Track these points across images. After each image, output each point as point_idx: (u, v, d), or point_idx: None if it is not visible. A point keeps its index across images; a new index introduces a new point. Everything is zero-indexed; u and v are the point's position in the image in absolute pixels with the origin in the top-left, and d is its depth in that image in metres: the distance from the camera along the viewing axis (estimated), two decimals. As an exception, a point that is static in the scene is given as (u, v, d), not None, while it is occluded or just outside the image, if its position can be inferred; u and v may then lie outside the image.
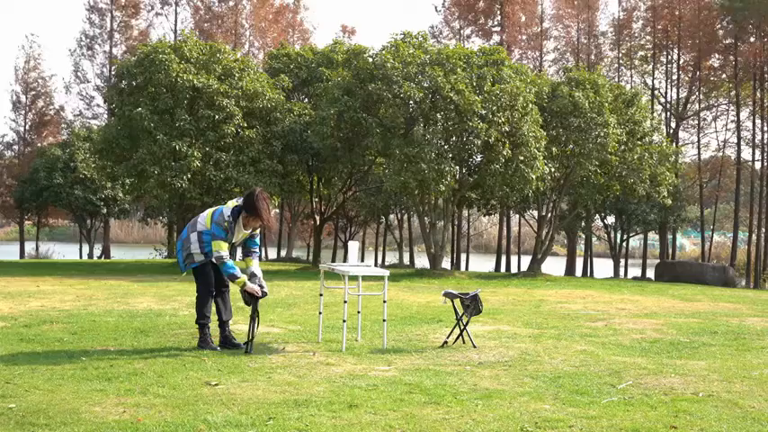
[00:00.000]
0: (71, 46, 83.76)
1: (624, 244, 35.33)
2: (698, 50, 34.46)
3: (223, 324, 7.37)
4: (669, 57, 36.79)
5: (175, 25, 39.51)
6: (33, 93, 40.71)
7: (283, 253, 38.18)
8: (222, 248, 7.07)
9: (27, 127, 40.66)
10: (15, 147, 41.07)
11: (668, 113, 35.92)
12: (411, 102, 20.52)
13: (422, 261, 33.45)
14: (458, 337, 7.80)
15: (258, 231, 7.50)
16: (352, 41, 31.95)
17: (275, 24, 41.67)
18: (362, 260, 8.47)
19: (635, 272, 36.04)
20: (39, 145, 39.96)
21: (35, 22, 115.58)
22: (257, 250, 7.51)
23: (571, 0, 37.38)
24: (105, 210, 36.32)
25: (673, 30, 35.57)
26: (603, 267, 37.93)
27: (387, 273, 7.54)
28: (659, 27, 36.16)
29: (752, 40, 33.62)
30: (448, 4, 39.18)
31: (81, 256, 37.10)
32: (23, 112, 40.44)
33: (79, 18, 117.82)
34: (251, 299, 7.23)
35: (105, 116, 38.39)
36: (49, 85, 41.30)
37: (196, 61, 23.12)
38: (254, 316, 7.19)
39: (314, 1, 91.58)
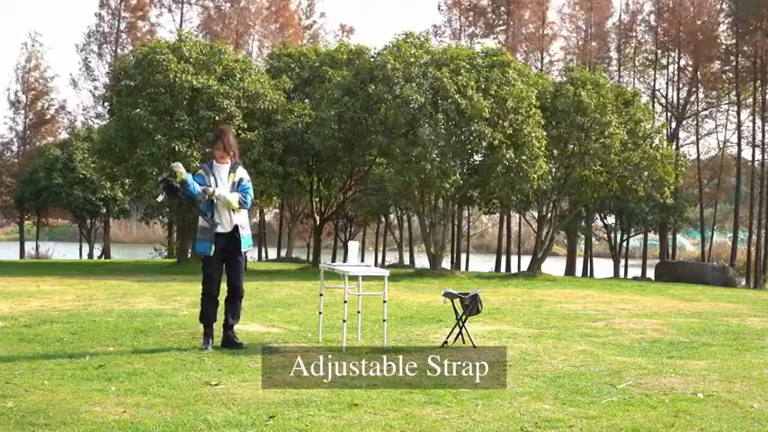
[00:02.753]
0: (77, 42, 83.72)
1: (624, 244, 35.33)
2: (698, 53, 34.48)
3: (229, 326, 7.41)
4: (670, 59, 36.80)
5: (180, 25, 39.53)
6: (33, 93, 40.66)
7: (283, 253, 38.17)
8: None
9: (26, 126, 40.61)
10: (14, 146, 41.06)
11: (668, 114, 35.92)
12: (412, 103, 20.50)
13: (422, 261, 33.43)
14: (457, 337, 7.80)
15: (245, 180, 7.42)
16: (352, 41, 31.97)
17: (285, 27, 41.58)
18: (362, 260, 8.47)
19: (635, 272, 36.01)
20: (38, 144, 39.96)
21: (36, 20, 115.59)
22: (246, 194, 7.41)
23: (576, 2, 37.41)
24: (105, 210, 36.32)
25: (674, 33, 35.56)
26: (603, 267, 37.91)
27: (387, 273, 7.54)
28: (660, 31, 36.20)
29: (752, 39, 33.63)
30: (450, 3, 39.18)
31: (81, 256, 37.09)
32: (23, 111, 40.39)
33: (83, 16, 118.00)
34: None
35: (107, 116, 38.42)
36: (49, 84, 41.32)
37: (195, 61, 23.10)
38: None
39: (315, 1, 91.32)
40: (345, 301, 7.33)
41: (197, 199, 7.20)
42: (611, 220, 34.62)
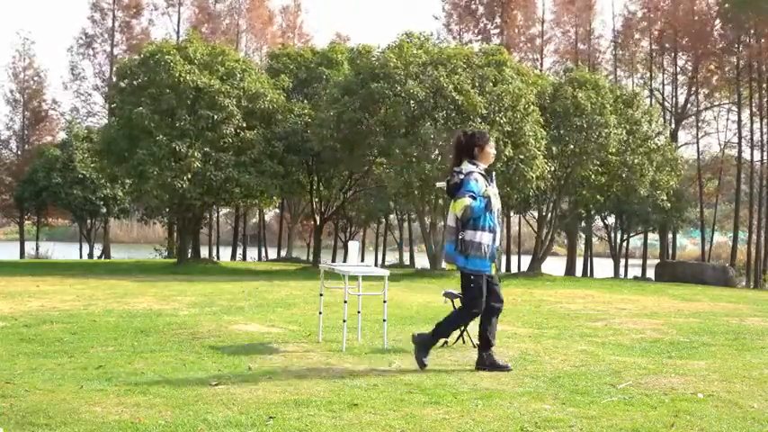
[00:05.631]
0: (68, 44, 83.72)
1: (624, 244, 35.31)
2: (696, 53, 34.51)
3: (489, 346, 6.49)
4: (669, 59, 36.82)
5: (178, 26, 39.57)
6: (29, 91, 40.68)
7: (283, 253, 38.18)
8: (464, 201, 6.11)
9: (24, 125, 40.62)
10: (12, 145, 41.10)
11: (669, 114, 35.94)
12: (413, 101, 20.54)
13: (422, 261, 33.45)
14: (458, 338, 7.80)
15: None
16: (349, 45, 32.02)
17: (273, 26, 41.67)
18: (363, 260, 8.46)
19: (635, 272, 36.02)
20: (37, 143, 40.00)
21: (29, 19, 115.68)
22: None
23: (570, 4, 37.43)
24: (105, 209, 36.33)
25: (670, 34, 35.57)
26: (603, 267, 37.91)
27: (387, 273, 7.54)
28: (656, 31, 36.23)
29: (750, 41, 33.65)
30: (447, 9, 39.29)
31: (81, 256, 37.10)
32: (20, 110, 40.41)
33: (75, 17, 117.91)
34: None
35: (102, 115, 38.45)
36: (43, 82, 41.36)
37: (200, 62, 23.17)
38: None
39: (313, 3, 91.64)
40: (345, 301, 7.33)
41: (474, 209, 6.13)
42: (611, 220, 34.61)
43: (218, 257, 36.29)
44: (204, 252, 34.53)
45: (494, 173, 6.56)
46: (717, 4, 34.57)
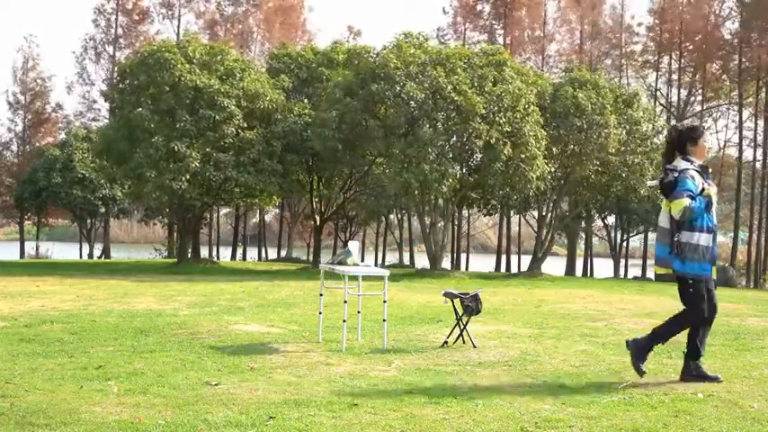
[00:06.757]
0: (73, 48, 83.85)
1: (624, 244, 35.29)
2: (699, 53, 34.49)
3: (698, 356, 6.12)
4: (670, 58, 36.82)
5: (178, 28, 39.55)
6: (32, 93, 40.69)
7: (283, 253, 38.16)
8: (683, 202, 5.63)
9: (25, 127, 40.63)
10: (13, 147, 41.10)
11: (669, 114, 35.93)
12: (412, 102, 20.53)
13: (422, 261, 33.43)
14: (458, 338, 7.80)
15: None
16: (358, 42, 31.98)
17: (283, 26, 41.64)
18: (363, 260, 8.47)
19: (635, 272, 36.01)
20: (37, 144, 40.01)
21: (34, 22, 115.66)
22: None
23: (575, 4, 37.45)
24: (104, 209, 36.33)
25: (674, 34, 35.58)
26: (604, 267, 37.89)
27: (387, 273, 7.54)
28: (658, 32, 36.25)
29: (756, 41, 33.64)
30: (454, 7, 39.38)
31: (81, 256, 37.09)
32: (22, 112, 40.41)
33: (81, 20, 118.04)
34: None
35: (106, 118, 38.46)
36: (47, 85, 41.39)
37: (198, 62, 23.16)
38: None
39: (318, 2, 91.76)
40: (345, 302, 7.33)
41: (694, 210, 5.66)
42: (611, 220, 34.60)
43: (218, 257, 36.27)
44: (204, 252, 34.50)
45: (710, 169, 6.09)
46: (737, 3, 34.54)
